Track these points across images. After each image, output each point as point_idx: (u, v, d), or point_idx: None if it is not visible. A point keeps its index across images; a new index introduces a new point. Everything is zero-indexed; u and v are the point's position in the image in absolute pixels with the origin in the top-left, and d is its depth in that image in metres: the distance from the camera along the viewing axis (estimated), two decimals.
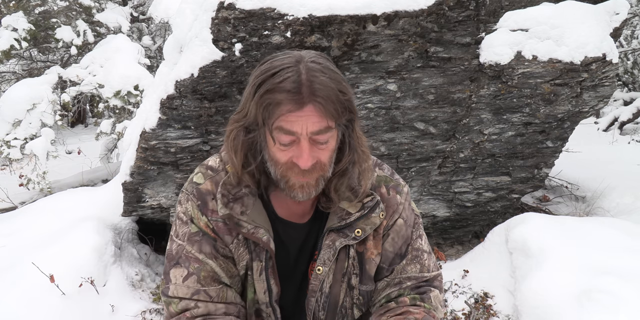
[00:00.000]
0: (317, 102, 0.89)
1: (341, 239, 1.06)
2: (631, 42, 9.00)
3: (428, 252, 1.17)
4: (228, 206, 1.02)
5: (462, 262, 3.01)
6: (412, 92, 2.72)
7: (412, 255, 1.13)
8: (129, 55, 4.63)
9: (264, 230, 1.03)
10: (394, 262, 1.12)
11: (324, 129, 0.91)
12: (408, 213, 1.14)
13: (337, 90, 0.92)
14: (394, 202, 1.11)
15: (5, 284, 2.61)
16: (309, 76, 0.89)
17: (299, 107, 0.89)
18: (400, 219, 1.12)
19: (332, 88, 0.90)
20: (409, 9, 2.45)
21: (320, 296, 1.08)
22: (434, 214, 3.24)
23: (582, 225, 2.77)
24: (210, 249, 1.05)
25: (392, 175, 1.16)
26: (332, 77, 0.92)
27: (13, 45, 4.91)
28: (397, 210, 1.12)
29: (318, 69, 0.91)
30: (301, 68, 0.90)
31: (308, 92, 0.88)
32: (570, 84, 2.73)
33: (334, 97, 0.90)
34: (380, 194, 1.11)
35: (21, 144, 4.32)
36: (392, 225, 1.11)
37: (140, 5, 7.60)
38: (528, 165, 3.11)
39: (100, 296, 2.67)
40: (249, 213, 1.03)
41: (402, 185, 1.15)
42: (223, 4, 2.34)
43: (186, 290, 1.03)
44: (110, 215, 3.21)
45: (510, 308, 2.59)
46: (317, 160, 0.95)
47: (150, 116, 2.66)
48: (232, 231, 1.05)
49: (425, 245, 1.17)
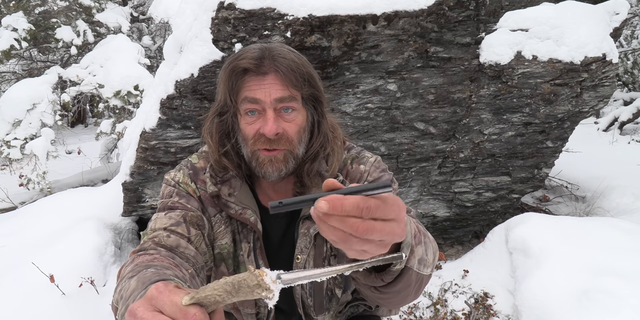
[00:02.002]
0: (279, 71, 0.95)
1: (315, 225, 1.06)
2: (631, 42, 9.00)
3: None
4: (216, 187, 1.06)
5: (462, 262, 3.01)
6: (412, 92, 2.72)
7: None
8: (129, 55, 4.63)
9: (251, 211, 1.06)
10: None
11: (287, 97, 0.97)
12: (376, 175, 1.12)
13: (299, 63, 0.98)
14: (357, 173, 1.11)
15: (6, 284, 2.61)
16: (272, 51, 0.98)
17: (262, 76, 0.96)
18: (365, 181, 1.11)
19: (293, 60, 0.97)
20: (409, 9, 2.45)
21: (304, 284, 1.09)
22: (434, 214, 3.24)
23: (582, 225, 2.77)
24: (198, 205, 1.05)
25: (359, 153, 1.16)
26: (297, 54, 1.00)
27: (13, 45, 4.91)
28: (362, 178, 1.10)
29: (281, 48, 1.00)
30: (265, 47, 0.99)
31: (270, 62, 0.96)
32: (570, 84, 2.73)
33: (294, 67, 0.96)
34: (346, 170, 1.12)
35: (21, 144, 4.32)
36: None
37: (140, 5, 7.60)
38: (528, 165, 3.11)
39: (100, 296, 2.67)
40: (237, 195, 1.06)
41: (368, 157, 1.14)
42: (223, 4, 2.34)
43: (167, 220, 1.00)
44: (110, 215, 3.21)
45: (510, 308, 2.59)
46: (283, 131, 0.98)
47: (150, 116, 2.66)
48: (217, 206, 1.08)
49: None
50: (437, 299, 2.78)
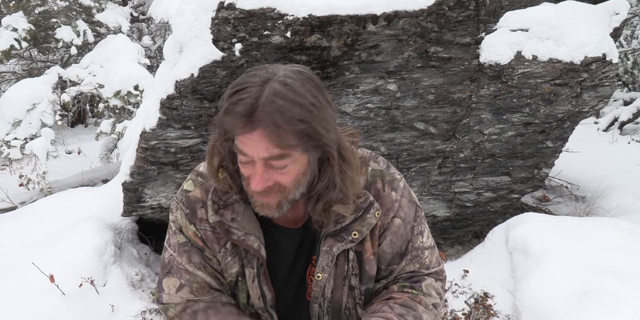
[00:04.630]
0: (268, 129, 0.84)
1: (338, 244, 1.04)
2: (631, 42, 8.99)
3: (430, 248, 1.13)
4: (219, 213, 1.03)
5: (462, 262, 3.01)
6: (412, 92, 2.72)
7: (412, 256, 1.10)
8: (129, 55, 4.63)
9: (254, 237, 1.03)
10: (393, 262, 1.10)
11: (277, 155, 0.88)
12: (406, 209, 1.09)
13: (296, 118, 0.85)
14: (388, 199, 1.07)
15: (6, 284, 2.61)
16: (267, 100, 0.84)
17: (250, 131, 0.86)
18: (396, 218, 1.08)
19: (288, 115, 0.84)
20: (409, 9, 2.45)
21: (323, 301, 1.08)
22: (434, 214, 3.24)
23: (582, 225, 2.77)
24: (199, 259, 1.07)
25: (387, 169, 1.11)
26: (297, 101, 0.85)
27: (13, 45, 4.91)
28: (393, 208, 1.07)
29: (282, 92, 0.85)
30: (264, 89, 0.86)
31: (259, 118, 0.84)
32: (570, 84, 2.73)
33: (287, 125, 0.84)
34: (375, 190, 1.07)
35: (21, 144, 4.32)
36: (389, 225, 1.07)
37: (140, 5, 7.60)
38: (528, 165, 3.11)
39: (100, 296, 2.67)
40: (240, 220, 1.03)
41: (398, 180, 1.10)
42: (223, 4, 2.34)
43: (179, 300, 1.06)
44: (110, 215, 3.21)
45: (510, 308, 2.59)
46: (275, 182, 0.92)
47: (150, 116, 2.66)
48: (220, 240, 1.06)
49: (427, 241, 1.13)
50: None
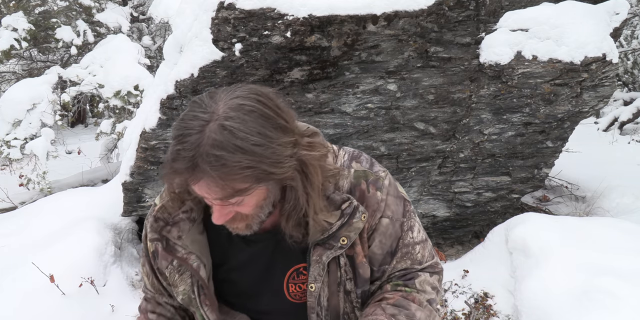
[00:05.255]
0: (211, 179, 0.84)
1: (328, 252, 1.02)
2: (631, 42, 8.99)
3: (421, 242, 1.10)
4: (165, 229, 1.05)
5: (462, 262, 3.01)
6: (412, 92, 2.72)
7: (403, 253, 1.08)
8: (129, 55, 4.63)
9: (195, 256, 1.04)
10: (385, 262, 1.08)
11: (228, 196, 0.87)
12: (394, 207, 1.06)
13: (239, 167, 0.83)
14: (374, 200, 1.04)
15: (6, 284, 2.61)
16: (206, 153, 0.82)
17: (195, 182, 0.86)
18: (384, 218, 1.05)
19: (230, 166, 0.83)
20: (409, 9, 2.45)
21: (320, 310, 1.07)
22: (434, 214, 3.24)
23: (582, 225, 2.77)
24: (149, 268, 1.15)
25: (371, 168, 1.07)
26: (238, 148, 0.83)
27: (13, 45, 4.91)
28: (379, 208, 1.04)
29: (221, 140, 0.82)
30: (203, 137, 0.83)
31: (202, 170, 0.83)
32: (570, 84, 2.73)
33: (231, 175, 0.83)
34: (360, 191, 1.04)
35: (21, 144, 4.32)
36: (377, 226, 1.05)
37: (140, 5, 7.60)
38: (528, 165, 3.11)
39: (100, 296, 2.67)
40: (184, 238, 1.04)
41: (382, 178, 1.06)
42: (223, 4, 2.34)
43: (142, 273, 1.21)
44: (110, 215, 3.21)
45: (510, 308, 2.59)
46: (236, 213, 0.93)
47: (150, 116, 2.66)
48: (168, 257, 1.07)
49: (418, 236, 1.10)
50: (440, 300, 2.77)
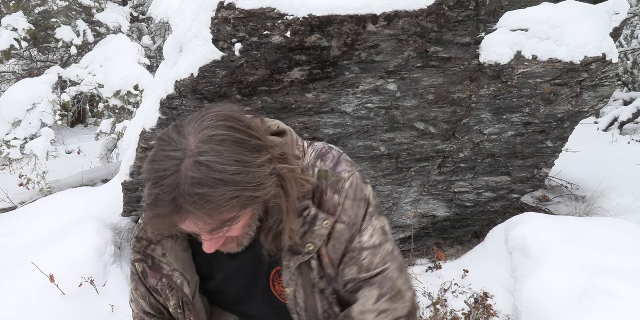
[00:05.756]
0: (198, 217, 0.83)
1: (295, 258, 1.01)
2: (631, 42, 9.00)
3: (371, 248, 1.03)
4: (149, 248, 1.07)
5: (462, 262, 3.01)
6: (412, 92, 2.72)
7: (349, 257, 1.04)
8: (129, 55, 4.64)
9: (179, 273, 1.05)
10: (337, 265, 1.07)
11: (217, 228, 0.86)
12: (351, 211, 1.02)
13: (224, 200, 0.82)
14: (331, 204, 1.01)
15: (6, 284, 2.61)
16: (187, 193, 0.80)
17: (182, 221, 0.85)
18: (339, 223, 1.02)
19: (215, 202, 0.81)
20: (409, 9, 2.45)
21: (299, 311, 1.07)
22: (434, 214, 3.24)
23: (582, 225, 2.77)
24: (144, 289, 1.14)
25: (334, 168, 1.03)
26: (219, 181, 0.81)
27: (13, 45, 4.91)
28: (335, 213, 1.01)
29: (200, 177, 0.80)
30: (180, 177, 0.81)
31: (186, 210, 0.82)
32: (570, 84, 2.73)
33: (217, 209, 0.82)
34: (320, 192, 1.02)
35: (21, 144, 4.33)
36: (332, 231, 1.02)
37: (140, 5, 7.60)
38: (528, 165, 3.11)
39: (100, 296, 2.67)
40: (168, 255, 1.06)
41: (344, 180, 1.02)
42: (223, 4, 2.34)
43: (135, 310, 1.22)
44: (110, 215, 3.21)
45: (510, 308, 2.59)
46: (226, 237, 0.94)
47: (150, 116, 2.66)
48: (157, 275, 1.09)
49: (369, 241, 1.03)
50: (437, 299, 2.77)
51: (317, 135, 2.74)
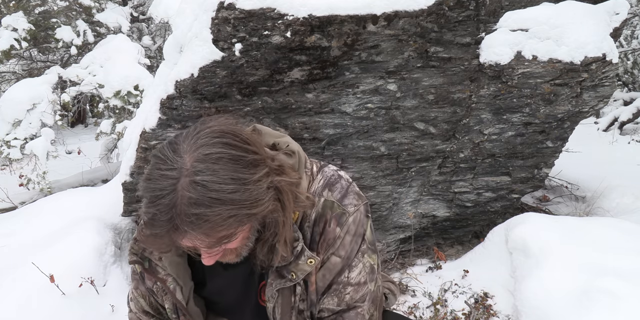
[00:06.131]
0: (194, 236, 0.83)
1: (278, 280, 1.04)
2: (631, 42, 8.99)
3: (356, 284, 1.07)
4: (147, 251, 1.07)
5: (462, 262, 3.01)
6: (412, 92, 2.72)
7: (333, 289, 1.06)
8: (129, 55, 4.63)
9: (172, 279, 1.06)
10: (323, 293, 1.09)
11: (215, 244, 0.86)
12: (348, 247, 1.04)
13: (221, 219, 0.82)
14: (332, 235, 1.03)
15: (6, 284, 2.61)
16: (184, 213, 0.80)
17: (180, 239, 0.85)
18: (334, 256, 1.04)
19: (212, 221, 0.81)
20: (409, 9, 2.45)
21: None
22: (434, 214, 3.24)
23: (582, 225, 2.77)
24: (145, 288, 1.15)
25: (341, 200, 1.05)
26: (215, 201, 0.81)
27: (13, 45, 4.91)
28: (334, 245, 1.03)
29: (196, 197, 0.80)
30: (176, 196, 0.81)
31: (183, 229, 0.81)
32: (570, 84, 2.73)
33: (214, 228, 0.82)
34: (324, 222, 1.03)
35: (21, 144, 4.32)
36: (327, 261, 1.05)
37: (140, 5, 7.60)
38: (528, 165, 3.11)
39: (101, 296, 2.67)
40: (163, 259, 1.07)
41: (348, 214, 1.04)
42: (223, 4, 2.34)
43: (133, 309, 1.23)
44: (110, 215, 3.21)
45: (510, 308, 2.59)
46: (225, 250, 0.95)
47: (150, 116, 2.66)
48: (152, 277, 1.10)
49: (356, 277, 1.06)
50: (437, 299, 2.78)
51: (317, 135, 2.74)
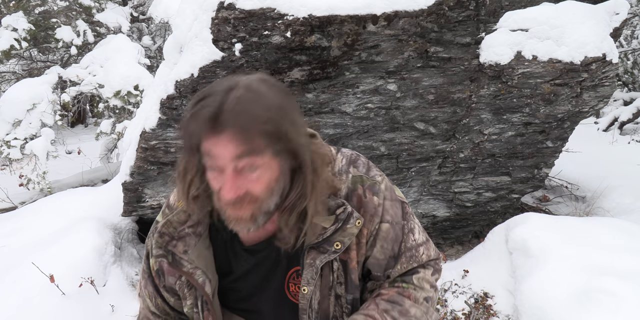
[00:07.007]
0: (234, 131, 0.84)
1: (321, 256, 1.02)
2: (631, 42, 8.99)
3: (424, 243, 1.11)
4: (170, 244, 1.05)
5: (462, 262, 3.01)
6: (412, 92, 2.72)
7: (407, 257, 1.08)
8: (129, 55, 4.63)
9: (200, 272, 1.04)
10: (389, 266, 1.08)
11: (246, 156, 0.86)
12: (392, 211, 1.07)
13: (262, 119, 0.85)
14: (371, 205, 1.04)
15: (6, 284, 2.61)
16: (232, 104, 0.84)
17: (217, 134, 0.85)
18: (383, 223, 1.05)
19: (254, 116, 0.84)
20: (409, 9, 2.45)
21: (311, 313, 1.07)
22: (434, 214, 3.24)
23: (582, 225, 2.77)
24: (152, 289, 1.14)
25: (367, 173, 1.07)
26: (262, 103, 0.85)
27: (13, 45, 4.91)
28: (377, 213, 1.05)
29: (247, 95, 0.85)
30: (229, 95, 0.85)
31: (225, 120, 0.83)
32: (570, 84, 2.73)
33: (254, 125, 0.84)
34: (357, 197, 1.04)
35: (21, 144, 4.32)
36: (377, 231, 1.05)
37: (140, 5, 7.60)
38: (528, 165, 3.11)
39: (100, 296, 2.67)
40: (190, 253, 1.04)
41: (379, 183, 1.06)
42: (223, 4, 2.34)
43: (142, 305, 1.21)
44: (110, 215, 3.21)
45: (510, 308, 2.59)
46: (246, 191, 0.90)
47: (150, 116, 2.66)
48: (175, 273, 1.08)
49: (420, 237, 1.10)
50: (437, 299, 2.77)
51: None
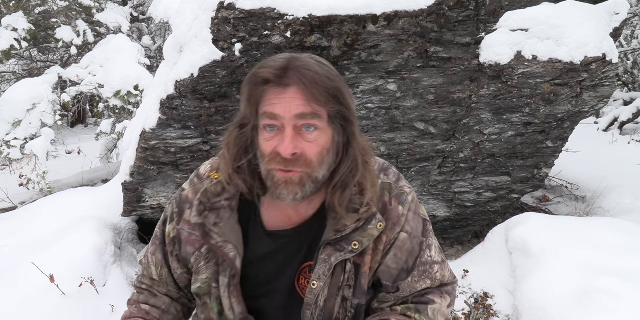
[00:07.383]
0: (302, 84, 0.88)
1: (337, 254, 1.01)
2: (631, 42, 8.99)
3: (439, 262, 1.10)
4: (203, 215, 1.04)
5: (462, 262, 3.01)
6: (412, 92, 2.72)
7: (420, 271, 1.07)
8: (129, 55, 4.63)
9: (232, 246, 1.03)
10: (400, 278, 1.07)
11: (309, 113, 0.89)
12: (413, 224, 1.07)
13: (326, 77, 0.90)
14: (395, 214, 1.05)
15: (6, 284, 2.61)
16: (297, 61, 0.91)
17: (283, 88, 0.89)
18: (403, 232, 1.05)
19: (320, 74, 0.90)
20: (409, 9, 2.45)
21: (315, 309, 1.06)
22: (434, 214, 3.24)
23: (582, 225, 2.77)
24: (161, 257, 1.14)
25: (397, 182, 1.09)
26: (324, 69, 0.92)
27: (13, 45, 4.91)
28: (399, 222, 1.05)
29: (311, 62, 0.92)
30: (292, 57, 0.92)
31: (293, 73, 0.89)
32: (570, 84, 2.73)
33: (320, 80, 0.89)
34: (383, 203, 1.05)
35: (21, 144, 4.32)
36: (395, 240, 1.05)
37: (140, 5, 7.60)
38: (528, 165, 3.11)
39: (100, 296, 2.67)
40: (222, 226, 1.03)
41: (407, 194, 1.08)
42: (223, 4, 2.34)
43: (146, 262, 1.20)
44: (110, 215, 3.21)
45: (510, 308, 2.59)
46: (302, 151, 0.92)
47: (150, 116, 2.66)
48: (196, 243, 1.06)
49: (436, 255, 1.10)
50: None
51: None
